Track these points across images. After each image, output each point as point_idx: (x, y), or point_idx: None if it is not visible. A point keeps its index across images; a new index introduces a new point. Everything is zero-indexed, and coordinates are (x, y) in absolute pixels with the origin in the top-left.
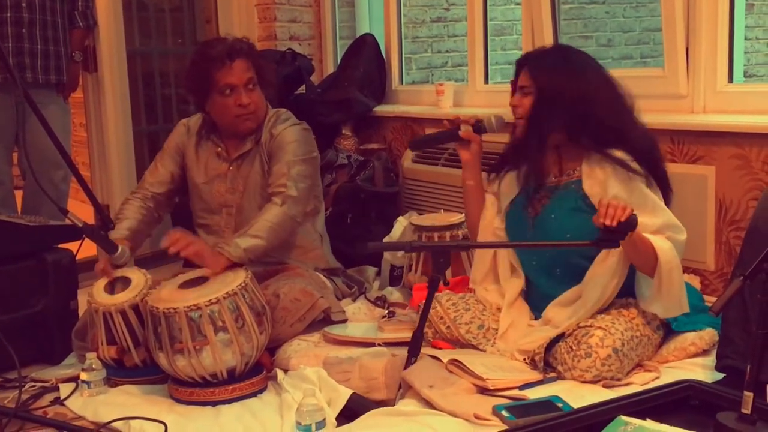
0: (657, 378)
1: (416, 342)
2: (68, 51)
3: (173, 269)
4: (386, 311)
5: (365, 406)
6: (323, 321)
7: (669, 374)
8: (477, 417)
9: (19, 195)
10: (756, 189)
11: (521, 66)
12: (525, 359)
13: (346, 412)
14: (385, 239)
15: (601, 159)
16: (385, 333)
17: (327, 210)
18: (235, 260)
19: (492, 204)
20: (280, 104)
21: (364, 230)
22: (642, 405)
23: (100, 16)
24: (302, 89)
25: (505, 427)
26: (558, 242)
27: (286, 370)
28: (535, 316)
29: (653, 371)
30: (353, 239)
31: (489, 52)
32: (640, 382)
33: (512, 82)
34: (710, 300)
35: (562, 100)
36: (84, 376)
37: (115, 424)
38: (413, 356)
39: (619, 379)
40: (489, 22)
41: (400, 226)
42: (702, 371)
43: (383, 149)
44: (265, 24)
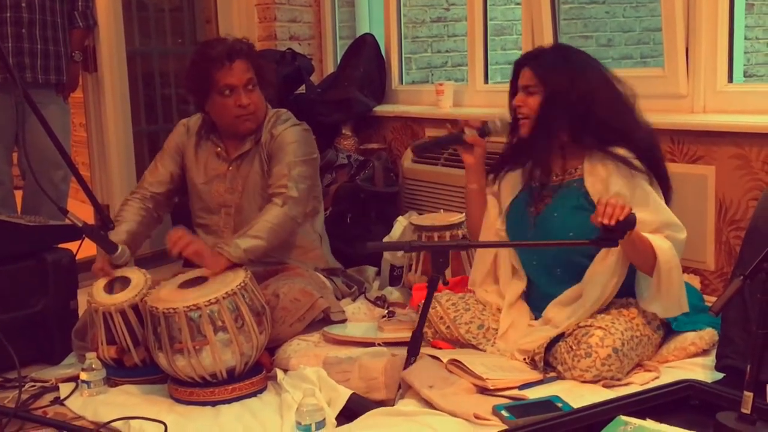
0: (657, 378)
1: (415, 342)
2: (68, 51)
3: (173, 269)
4: (386, 311)
5: (365, 406)
6: (323, 321)
7: (669, 374)
8: (477, 417)
9: (19, 195)
10: (756, 189)
11: (521, 66)
12: (525, 359)
13: (346, 413)
14: (385, 239)
15: (604, 157)
16: (385, 333)
17: (327, 210)
18: (235, 260)
19: (494, 206)
20: (280, 104)
21: (364, 230)
22: (642, 405)
23: (100, 16)
24: (302, 89)
25: (505, 427)
26: (556, 241)
27: (286, 370)
28: (535, 316)
29: (653, 371)
30: (353, 239)
31: (489, 52)
32: (640, 382)
33: (511, 83)
34: (710, 300)
35: (569, 98)
36: (84, 376)
37: (115, 424)
38: (412, 356)
39: (619, 379)
40: (489, 22)
41: (400, 226)
42: (702, 371)
43: (383, 149)
44: (265, 24)
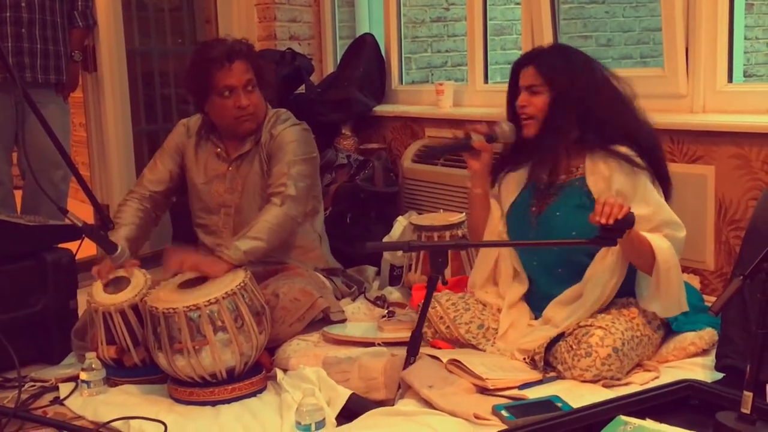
0: (657, 378)
1: (415, 342)
2: (68, 51)
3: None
4: (386, 311)
5: (364, 406)
6: (322, 321)
7: (669, 374)
8: (477, 417)
9: (19, 195)
10: (755, 189)
11: (521, 66)
12: (525, 359)
13: (346, 413)
14: (385, 239)
15: (606, 155)
16: (385, 333)
17: (327, 210)
18: (236, 263)
19: (496, 209)
20: (280, 104)
21: (364, 230)
22: (641, 405)
23: (100, 16)
24: (302, 89)
25: (505, 427)
26: (555, 241)
27: (286, 370)
28: (535, 316)
29: (653, 371)
30: (353, 239)
31: (489, 52)
32: (640, 382)
33: (510, 84)
34: (710, 300)
35: (575, 97)
36: (83, 376)
37: (115, 424)
38: (412, 356)
39: (619, 379)
40: (489, 22)
41: (400, 226)
42: (702, 371)
43: (383, 149)
44: (265, 24)
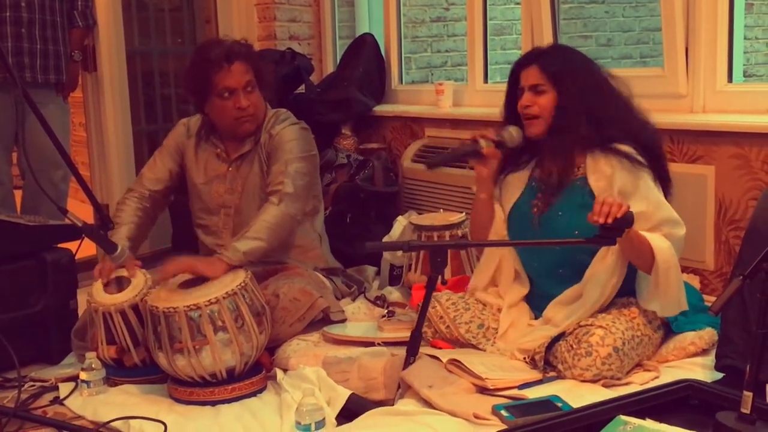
0: (656, 378)
1: (414, 342)
2: (67, 50)
3: None
4: (386, 311)
5: (364, 407)
6: (322, 321)
7: (668, 374)
8: (476, 416)
9: (19, 195)
10: (755, 189)
11: (523, 66)
12: (525, 358)
13: (345, 413)
14: (385, 239)
15: (607, 153)
16: (385, 332)
17: (326, 209)
18: (236, 264)
19: (500, 211)
20: (280, 104)
21: (364, 230)
22: (641, 404)
23: (100, 16)
24: (302, 89)
25: (505, 427)
26: (554, 240)
27: (286, 370)
28: (536, 316)
29: (653, 371)
30: (353, 239)
31: (488, 52)
32: (640, 382)
33: (510, 86)
34: (710, 300)
35: (582, 95)
36: (83, 376)
37: (115, 424)
38: (411, 356)
39: (619, 379)
40: (489, 22)
41: (400, 226)
42: (701, 371)
43: (383, 149)
44: (265, 23)
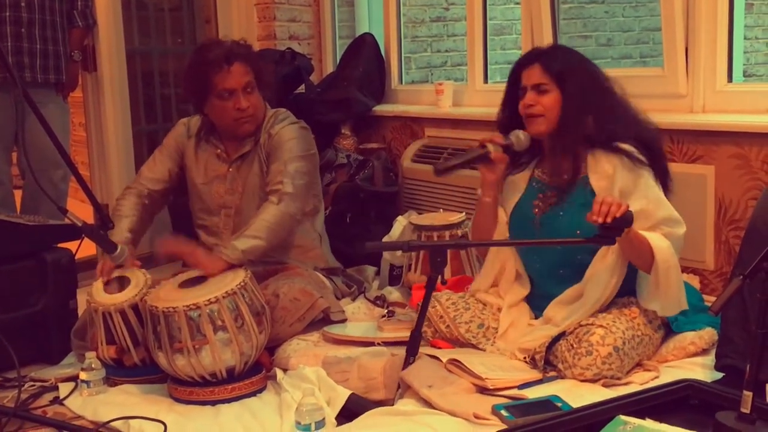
0: (656, 377)
1: (414, 342)
2: (67, 50)
3: (173, 269)
4: (386, 311)
5: (364, 406)
6: (322, 320)
7: (668, 374)
8: (476, 416)
9: (19, 194)
10: (755, 188)
11: (524, 66)
12: (525, 358)
13: (345, 412)
14: (385, 239)
15: (608, 152)
16: (385, 332)
17: (326, 209)
18: (234, 262)
19: (502, 214)
20: (280, 104)
21: (364, 230)
22: (641, 404)
23: (100, 16)
24: (302, 89)
25: (505, 427)
26: (553, 240)
27: (286, 370)
28: (536, 315)
29: (653, 371)
30: (352, 239)
31: (488, 52)
32: (640, 382)
33: (510, 85)
34: (710, 299)
35: (585, 93)
36: (83, 376)
37: (115, 424)
38: (411, 356)
39: (619, 378)
40: (488, 22)
41: (400, 226)
42: (701, 371)
43: (383, 149)
44: (265, 23)
